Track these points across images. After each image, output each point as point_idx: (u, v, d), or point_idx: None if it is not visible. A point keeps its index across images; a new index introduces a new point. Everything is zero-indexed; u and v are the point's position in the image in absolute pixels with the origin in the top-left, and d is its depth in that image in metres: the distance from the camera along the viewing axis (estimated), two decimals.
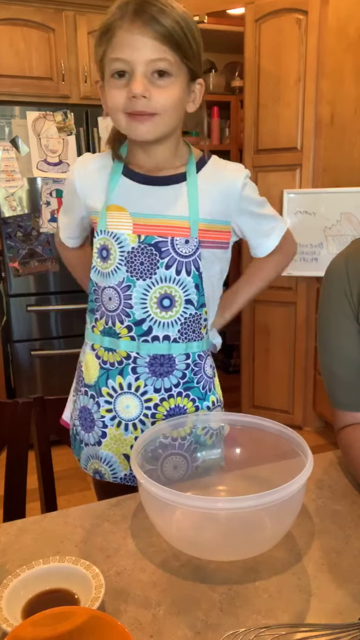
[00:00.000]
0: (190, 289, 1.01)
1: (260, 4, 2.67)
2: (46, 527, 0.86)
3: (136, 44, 0.86)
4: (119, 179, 1.01)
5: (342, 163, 2.76)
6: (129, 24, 0.86)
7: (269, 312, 2.97)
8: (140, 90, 0.87)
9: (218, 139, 3.62)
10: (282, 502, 0.72)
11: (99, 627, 0.56)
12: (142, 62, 0.87)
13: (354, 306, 0.97)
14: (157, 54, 0.87)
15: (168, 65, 0.88)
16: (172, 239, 0.98)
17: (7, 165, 2.59)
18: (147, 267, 0.99)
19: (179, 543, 0.79)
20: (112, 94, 0.91)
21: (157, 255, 0.98)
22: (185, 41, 0.88)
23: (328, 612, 0.68)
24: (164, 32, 0.86)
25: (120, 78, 0.89)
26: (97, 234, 1.01)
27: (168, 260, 0.98)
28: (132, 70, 0.88)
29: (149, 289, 1.00)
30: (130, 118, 0.91)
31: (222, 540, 0.78)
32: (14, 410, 1.20)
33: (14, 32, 2.60)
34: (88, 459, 1.13)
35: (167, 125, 0.94)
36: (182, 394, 1.06)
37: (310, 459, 0.78)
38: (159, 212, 0.99)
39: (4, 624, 0.62)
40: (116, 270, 1.00)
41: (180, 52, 0.88)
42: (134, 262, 0.99)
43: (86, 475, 1.19)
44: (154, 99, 0.89)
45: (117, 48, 0.88)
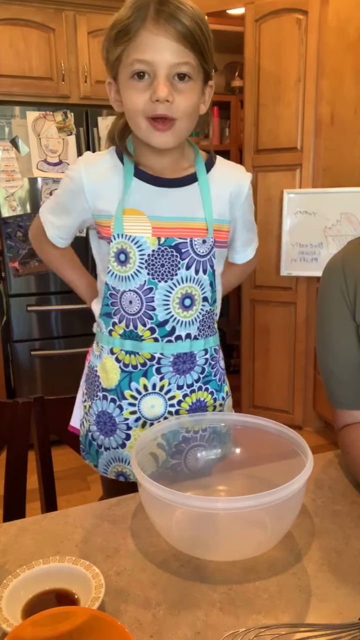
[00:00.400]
0: (206, 287, 1.04)
1: (260, 4, 2.67)
2: (46, 527, 0.86)
3: (159, 45, 0.85)
4: (132, 181, 1.00)
5: (342, 163, 2.76)
6: (152, 25, 0.84)
7: (269, 312, 2.97)
8: (165, 94, 0.86)
9: (218, 139, 3.62)
10: (282, 502, 0.72)
11: (99, 627, 0.56)
12: (166, 65, 0.86)
13: (350, 305, 0.97)
14: (181, 58, 0.86)
15: (190, 69, 0.88)
16: (191, 240, 0.99)
17: (7, 165, 2.59)
18: (168, 269, 1.00)
19: (179, 543, 0.79)
20: (132, 96, 0.89)
21: (178, 257, 0.99)
22: (204, 42, 0.88)
23: (328, 612, 0.68)
24: (185, 33, 0.85)
25: (141, 79, 0.88)
26: (114, 238, 0.99)
27: (188, 260, 1.00)
28: (154, 72, 0.87)
29: (172, 290, 1.01)
30: (151, 126, 0.90)
31: (222, 540, 0.78)
32: (14, 410, 1.20)
33: (14, 32, 2.60)
34: (109, 463, 1.12)
35: (186, 130, 0.94)
36: (202, 388, 1.10)
37: (310, 459, 0.78)
38: (176, 215, 1.00)
39: (4, 624, 0.62)
40: (137, 274, 1.00)
41: (199, 54, 0.88)
42: (155, 264, 0.99)
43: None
44: (176, 103, 0.88)
45: (139, 49, 0.86)
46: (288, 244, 2.79)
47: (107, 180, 1.00)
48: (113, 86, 0.96)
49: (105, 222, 1.01)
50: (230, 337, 3.70)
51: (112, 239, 0.99)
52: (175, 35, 0.85)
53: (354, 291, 0.97)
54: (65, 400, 1.25)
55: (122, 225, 0.99)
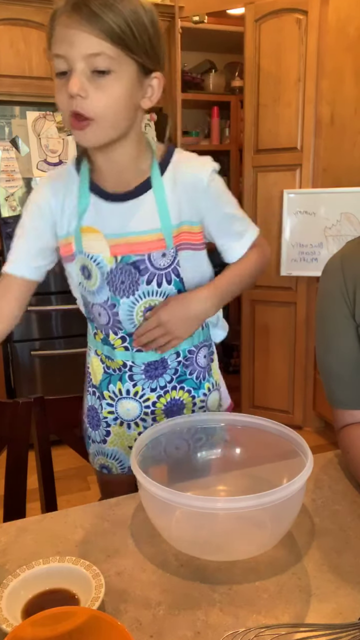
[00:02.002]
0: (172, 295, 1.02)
1: (260, 4, 2.67)
2: (46, 527, 0.86)
3: (72, 38, 0.80)
4: (88, 198, 0.98)
5: (342, 163, 2.76)
6: (66, 18, 0.81)
7: (269, 312, 2.97)
8: (75, 89, 0.81)
9: (218, 139, 3.62)
10: (282, 502, 0.72)
11: (99, 627, 0.56)
12: (79, 57, 0.80)
13: (350, 304, 0.97)
14: (94, 49, 0.80)
15: (107, 61, 0.81)
16: (149, 255, 0.97)
17: (7, 165, 2.59)
18: (129, 285, 0.99)
19: (179, 543, 0.79)
20: (57, 94, 0.86)
21: (137, 273, 0.98)
22: (130, 34, 0.81)
23: (328, 612, 0.68)
24: (102, 26, 0.79)
25: (62, 77, 0.84)
26: (76, 254, 1.00)
27: (148, 276, 0.98)
28: (70, 67, 0.82)
29: (134, 305, 1.01)
30: (72, 122, 0.86)
31: (222, 540, 0.78)
32: (14, 410, 1.20)
33: (14, 32, 2.60)
34: (95, 454, 1.17)
35: (111, 129, 0.87)
36: (176, 387, 1.10)
37: (310, 459, 0.78)
38: (132, 230, 0.97)
39: (4, 624, 0.62)
40: (100, 290, 1.01)
41: (123, 45, 0.81)
42: (115, 281, 0.99)
43: (86, 475, 1.20)
44: (92, 101, 0.83)
45: (56, 44, 0.83)
46: (288, 244, 2.79)
47: (67, 200, 0.99)
48: None
49: (66, 241, 1.01)
50: (230, 337, 3.69)
51: (74, 255, 1.00)
52: (89, 27, 0.79)
53: (353, 291, 0.97)
54: (65, 400, 1.26)
55: (82, 243, 0.99)
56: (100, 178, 0.98)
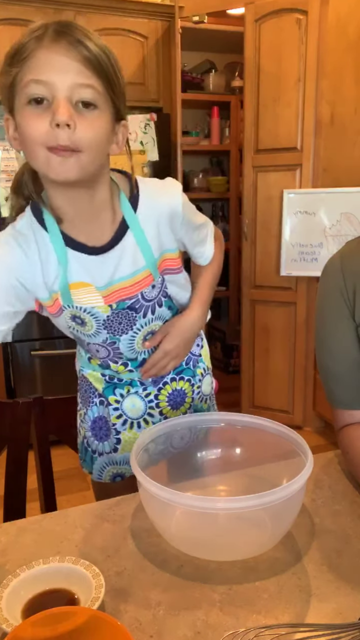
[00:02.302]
0: (166, 314, 1.07)
1: (260, 4, 2.67)
2: (46, 527, 0.86)
3: (59, 64, 0.74)
4: (66, 253, 0.91)
5: (342, 163, 2.76)
6: (51, 42, 0.74)
7: (269, 312, 2.97)
8: (66, 117, 0.74)
9: (218, 139, 3.62)
10: (282, 502, 0.72)
11: (99, 627, 0.56)
12: (67, 86, 0.75)
13: (350, 304, 0.97)
14: (84, 79, 0.75)
15: (95, 95, 0.77)
16: (142, 293, 0.98)
17: (7, 165, 2.59)
18: (126, 325, 1.01)
19: (179, 543, 0.79)
20: (30, 124, 0.76)
21: (133, 313, 1.00)
22: (112, 72, 0.79)
23: (328, 612, 0.68)
24: (89, 56, 0.75)
25: (38, 105, 0.76)
26: (64, 309, 0.96)
27: (144, 311, 1.01)
28: (53, 95, 0.75)
29: (134, 337, 1.04)
30: (51, 152, 0.77)
31: (222, 540, 0.78)
32: (14, 410, 1.20)
33: (14, 32, 2.60)
34: (103, 467, 1.16)
35: (92, 165, 0.81)
36: (175, 379, 1.14)
37: (311, 459, 0.78)
38: (122, 275, 0.96)
39: (4, 624, 0.62)
40: (97, 333, 1.01)
41: (106, 82, 0.78)
42: (112, 325, 1.00)
43: (86, 475, 1.19)
44: (79, 131, 0.76)
45: (36, 69, 0.75)
46: (288, 244, 2.79)
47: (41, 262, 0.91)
48: (10, 122, 0.82)
49: (50, 300, 0.95)
50: (230, 337, 3.70)
51: (62, 309, 0.96)
52: (77, 56, 0.75)
53: (352, 291, 0.97)
54: (65, 400, 1.26)
55: (71, 298, 0.95)
56: (72, 229, 0.91)
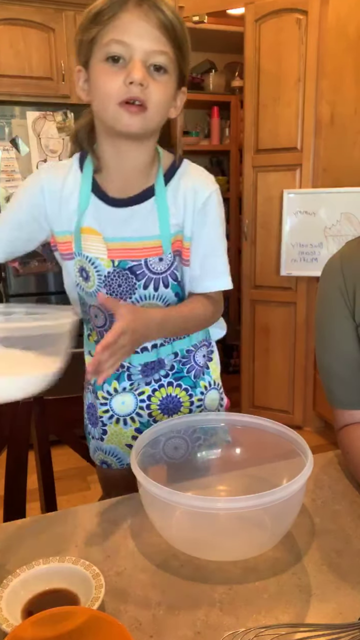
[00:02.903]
0: (170, 299, 1.02)
1: (260, 4, 2.67)
2: (46, 527, 0.86)
3: (139, 29, 0.82)
4: (90, 198, 0.96)
5: (342, 163, 2.76)
6: (134, 8, 0.82)
7: (269, 312, 2.97)
8: (140, 76, 0.82)
9: (218, 139, 3.62)
10: (282, 502, 0.72)
11: (99, 627, 0.56)
12: (144, 50, 0.83)
13: (350, 304, 0.97)
14: (159, 46, 0.83)
15: (167, 61, 0.85)
16: (146, 260, 0.97)
17: (7, 165, 2.59)
18: (125, 289, 0.99)
19: (179, 543, 0.79)
20: (105, 80, 0.84)
21: (134, 278, 0.98)
22: (183, 38, 0.87)
23: (328, 612, 0.68)
24: (165, 22, 0.83)
25: (115, 63, 0.83)
26: (75, 255, 0.99)
27: (145, 280, 0.98)
28: (130, 56, 0.83)
29: None
30: (122, 108, 0.84)
31: (222, 540, 0.78)
32: (14, 410, 1.20)
33: (14, 32, 2.60)
34: (95, 450, 1.18)
35: (154, 122, 0.89)
36: (172, 383, 1.10)
37: (311, 459, 0.78)
38: (131, 235, 0.96)
39: (4, 624, 0.62)
40: (97, 292, 1.00)
41: (178, 49, 0.86)
42: (112, 284, 0.99)
43: (86, 475, 1.20)
44: (150, 90, 0.84)
45: (118, 30, 0.82)
46: (288, 244, 2.79)
47: (66, 194, 0.96)
48: (82, 74, 0.90)
49: (65, 239, 0.99)
50: (230, 337, 3.70)
51: (74, 255, 0.99)
52: (157, 22, 0.82)
53: (353, 291, 0.97)
54: (65, 400, 1.26)
55: (81, 244, 0.98)
56: (105, 180, 0.96)
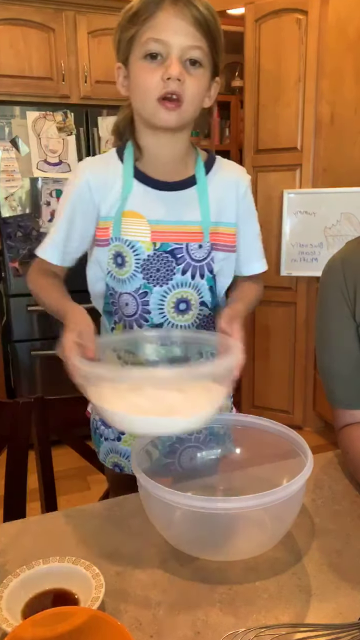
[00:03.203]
0: (204, 292, 1.03)
1: (260, 4, 2.67)
2: (46, 527, 0.86)
3: (175, 26, 0.87)
4: (132, 183, 1.00)
5: (342, 163, 2.76)
6: (169, 6, 0.87)
7: (269, 312, 2.97)
8: (177, 72, 0.87)
9: (218, 139, 3.61)
10: (282, 502, 0.72)
11: (99, 627, 0.56)
12: (180, 46, 0.88)
13: (350, 304, 0.97)
14: (194, 41, 0.88)
15: (201, 55, 0.90)
16: (187, 245, 0.99)
17: (7, 165, 2.59)
18: (164, 274, 1.00)
19: (179, 543, 0.79)
20: (144, 76, 0.90)
21: (174, 262, 0.99)
22: (216, 32, 0.91)
23: (328, 612, 0.68)
24: (200, 19, 0.88)
25: (153, 60, 0.89)
26: (111, 241, 1.00)
27: (184, 265, 0.99)
28: (167, 53, 0.88)
29: (166, 295, 1.01)
30: (160, 104, 0.90)
31: (223, 540, 0.78)
32: (14, 410, 1.20)
33: (14, 32, 2.60)
34: (108, 452, 1.14)
35: (190, 115, 0.94)
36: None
37: (310, 459, 0.78)
38: (173, 218, 1.00)
39: (4, 624, 0.62)
40: (133, 277, 1.00)
41: (211, 42, 0.91)
42: (150, 269, 0.99)
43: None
44: (186, 85, 0.89)
45: (156, 28, 0.88)
46: (288, 244, 2.79)
47: (109, 182, 1.00)
48: (122, 70, 0.96)
49: (105, 224, 1.01)
50: None
51: (110, 241, 1.00)
52: (191, 19, 0.87)
53: (353, 290, 0.97)
54: (65, 400, 1.26)
55: (120, 228, 0.99)
56: (146, 167, 1.00)
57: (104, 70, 2.74)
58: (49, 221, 2.68)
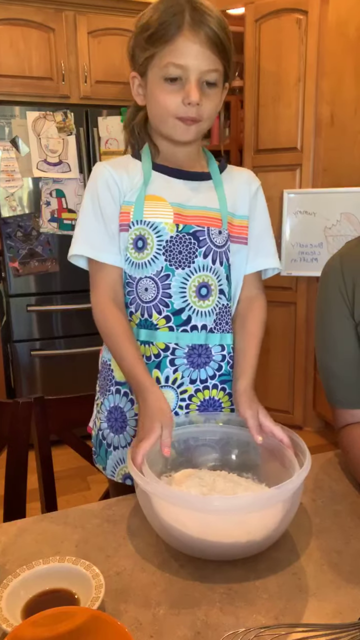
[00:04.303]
0: (222, 279, 1.05)
1: (260, 4, 2.67)
2: (46, 527, 0.86)
3: (195, 52, 0.91)
4: (151, 173, 1.03)
5: (342, 163, 2.76)
6: (189, 32, 0.91)
7: (269, 312, 2.92)
8: (197, 98, 0.92)
9: (218, 139, 3.61)
10: (280, 501, 0.72)
11: (99, 627, 0.56)
12: (198, 70, 0.92)
13: (349, 304, 0.98)
14: (212, 65, 0.93)
15: (217, 76, 0.95)
16: (208, 229, 1.02)
17: (7, 165, 2.59)
18: (186, 256, 1.01)
19: (175, 543, 0.79)
20: (164, 98, 0.95)
21: (196, 244, 1.01)
22: (230, 47, 0.95)
23: (328, 612, 0.68)
24: (216, 40, 0.92)
25: (173, 83, 0.93)
26: (132, 225, 1.01)
27: (205, 249, 1.01)
28: (186, 77, 0.92)
29: (188, 278, 1.01)
30: (180, 121, 0.96)
31: (219, 539, 0.77)
32: (14, 410, 1.20)
33: (14, 32, 2.60)
34: (117, 464, 1.09)
35: (206, 129, 1.01)
36: (217, 386, 1.07)
37: (309, 459, 0.78)
38: (194, 204, 1.03)
39: (4, 624, 0.62)
40: (154, 260, 1.00)
41: (226, 61, 0.95)
42: (172, 251, 1.00)
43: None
44: (204, 107, 0.95)
45: (176, 54, 0.91)
46: (288, 244, 2.80)
47: (130, 174, 1.03)
48: (137, 79, 1.00)
49: (126, 209, 1.02)
50: None
51: (130, 225, 1.01)
52: (208, 43, 0.91)
53: (352, 290, 0.97)
54: (65, 400, 1.26)
55: (143, 211, 1.01)
56: (164, 162, 1.04)
57: (104, 70, 2.74)
58: (49, 221, 2.68)
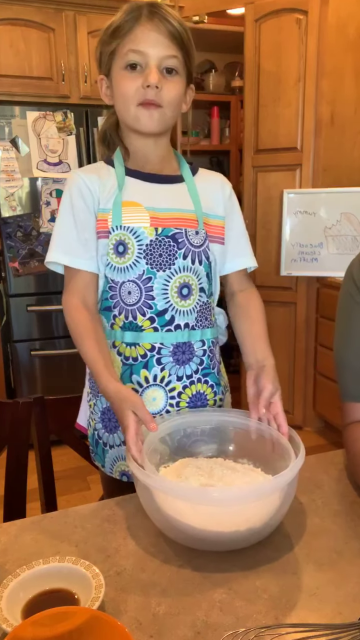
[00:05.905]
0: (202, 278, 1.08)
1: (260, 4, 2.67)
2: (46, 527, 0.86)
3: (152, 39, 0.97)
4: (125, 179, 1.05)
5: (342, 163, 2.76)
6: (146, 22, 0.97)
7: (269, 312, 2.94)
8: (155, 80, 0.96)
9: (218, 139, 3.61)
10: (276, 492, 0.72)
11: (99, 627, 0.56)
12: (157, 56, 0.97)
13: None
14: (169, 51, 0.97)
15: (177, 63, 0.99)
16: (186, 230, 1.04)
17: (7, 165, 2.59)
18: (166, 259, 1.03)
19: (173, 534, 0.79)
20: (125, 85, 0.98)
21: (175, 246, 1.03)
22: (189, 43, 1.01)
23: (328, 612, 0.68)
24: (174, 32, 0.97)
25: (133, 70, 0.98)
26: (112, 230, 1.02)
27: (184, 250, 1.04)
28: (146, 63, 0.97)
29: (170, 279, 1.04)
30: (141, 107, 0.98)
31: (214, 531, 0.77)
32: (14, 410, 1.20)
33: (14, 32, 2.60)
34: (114, 462, 1.11)
35: (169, 119, 1.02)
36: (201, 380, 1.11)
37: (302, 449, 0.79)
38: (170, 206, 1.05)
39: (4, 624, 0.62)
40: (135, 264, 1.02)
41: (185, 53, 1.00)
42: (153, 254, 1.02)
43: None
44: (164, 91, 0.98)
45: (135, 41, 0.97)
46: (288, 244, 2.79)
47: (103, 180, 1.05)
48: (104, 81, 1.05)
49: (103, 216, 1.04)
50: (231, 337, 3.70)
51: (110, 231, 1.02)
52: (166, 32, 0.97)
53: None
54: (65, 400, 1.26)
55: (121, 217, 1.02)
56: (136, 166, 1.07)
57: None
58: (49, 221, 2.68)
